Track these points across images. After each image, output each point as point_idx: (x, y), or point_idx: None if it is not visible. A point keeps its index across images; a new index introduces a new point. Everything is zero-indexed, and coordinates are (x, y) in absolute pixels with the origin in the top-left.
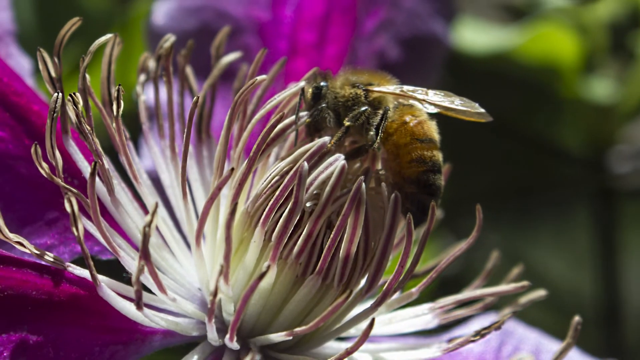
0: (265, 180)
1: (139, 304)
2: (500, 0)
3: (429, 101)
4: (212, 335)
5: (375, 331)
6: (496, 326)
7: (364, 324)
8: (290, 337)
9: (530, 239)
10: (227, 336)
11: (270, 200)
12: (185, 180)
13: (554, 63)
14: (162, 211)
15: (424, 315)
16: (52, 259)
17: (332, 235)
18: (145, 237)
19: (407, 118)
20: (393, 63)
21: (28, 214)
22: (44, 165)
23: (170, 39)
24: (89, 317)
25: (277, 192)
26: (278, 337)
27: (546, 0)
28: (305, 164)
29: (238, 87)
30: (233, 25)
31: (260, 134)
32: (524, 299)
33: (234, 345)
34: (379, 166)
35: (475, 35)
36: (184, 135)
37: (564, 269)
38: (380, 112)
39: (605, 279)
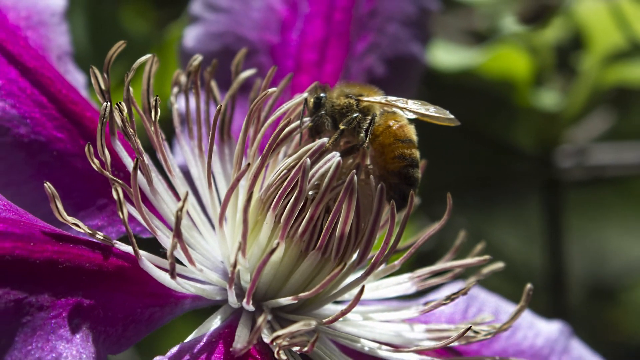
0: (275, 173)
1: (173, 274)
2: (466, 27)
3: (409, 109)
4: (232, 299)
5: (365, 296)
6: (463, 292)
7: (355, 290)
8: (296, 301)
9: (490, 221)
10: (244, 300)
11: (279, 189)
12: (210, 173)
13: (510, 78)
14: (191, 198)
15: (405, 283)
16: (102, 237)
17: (329, 218)
18: (178, 219)
19: (391, 123)
20: (379, 78)
21: (82, 200)
22: (96, 161)
23: (198, 59)
24: (132, 285)
25: (285, 183)
26: (286, 300)
27: (503, 26)
28: (308, 160)
29: (253, 97)
30: (249, 47)
31: (271, 135)
32: (486, 270)
33: (250, 307)
34: (368, 162)
35: (446, 55)
36: (209, 137)
37: (518, 245)
38: (369, 117)
39: (551, 254)
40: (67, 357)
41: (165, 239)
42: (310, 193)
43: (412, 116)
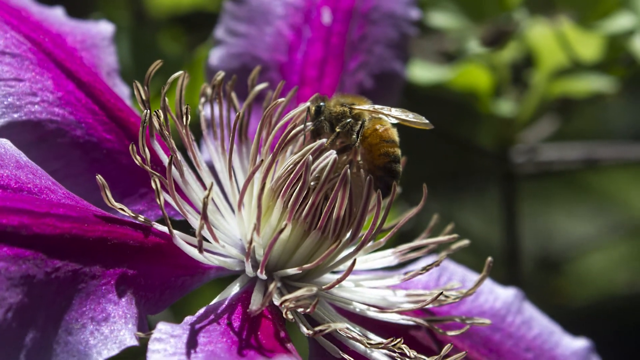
0: (284, 167)
1: (200, 249)
2: (438, 48)
3: (392, 115)
4: (249, 269)
5: (356, 267)
6: (436, 264)
7: (348, 262)
8: (300, 271)
9: (458, 206)
10: (259, 270)
11: (287, 180)
12: (231, 168)
13: (474, 90)
14: (215, 188)
15: (389, 257)
16: (143, 220)
17: (328, 203)
18: (205, 205)
19: (378, 126)
20: (368, 90)
21: (127, 189)
22: (138, 157)
23: (221, 75)
24: (167, 258)
25: (292, 175)
26: (292, 271)
27: (469, 48)
28: (310, 156)
29: (266, 106)
30: (262, 65)
31: (280, 137)
32: (454, 246)
33: (263, 276)
34: (359, 158)
35: (422, 72)
36: (230, 138)
37: (481, 226)
38: (360, 122)
39: (507, 233)
40: (114, 316)
41: (194, 220)
42: (312, 183)
43: (394, 121)
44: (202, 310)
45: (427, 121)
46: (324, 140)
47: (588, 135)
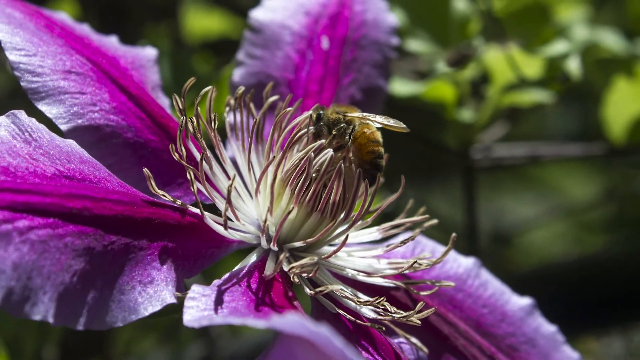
0: (291, 162)
1: (225, 226)
2: (413, 68)
3: (377, 121)
4: (264, 243)
5: (348, 241)
6: (411, 238)
7: (342, 237)
8: (304, 244)
9: (429, 193)
10: (271, 243)
11: (294, 172)
12: (249, 162)
13: (442, 101)
14: (237, 179)
15: (374, 233)
16: (180, 203)
17: (326, 191)
18: (229, 192)
19: (365, 130)
20: (358, 101)
21: (167, 180)
22: (176, 154)
23: (241, 89)
24: (199, 234)
25: (297, 168)
26: (298, 244)
27: (437, 68)
28: (312, 154)
29: (277, 114)
30: (274, 82)
31: (288, 138)
32: (426, 224)
33: (275, 248)
34: (351, 155)
35: (400, 86)
36: (249, 139)
37: (447, 208)
38: (351, 126)
39: (468, 214)
40: (157, 280)
41: (221, 204)
42: (313, 175)
43: (379, 125)
44: (226, 275)
45: (404, 126)
46: (323, 140)
47: (532, 136)
